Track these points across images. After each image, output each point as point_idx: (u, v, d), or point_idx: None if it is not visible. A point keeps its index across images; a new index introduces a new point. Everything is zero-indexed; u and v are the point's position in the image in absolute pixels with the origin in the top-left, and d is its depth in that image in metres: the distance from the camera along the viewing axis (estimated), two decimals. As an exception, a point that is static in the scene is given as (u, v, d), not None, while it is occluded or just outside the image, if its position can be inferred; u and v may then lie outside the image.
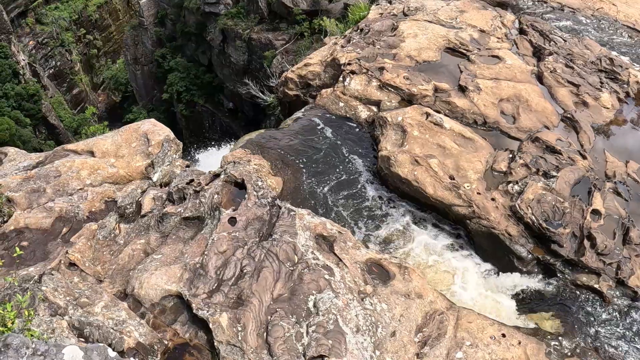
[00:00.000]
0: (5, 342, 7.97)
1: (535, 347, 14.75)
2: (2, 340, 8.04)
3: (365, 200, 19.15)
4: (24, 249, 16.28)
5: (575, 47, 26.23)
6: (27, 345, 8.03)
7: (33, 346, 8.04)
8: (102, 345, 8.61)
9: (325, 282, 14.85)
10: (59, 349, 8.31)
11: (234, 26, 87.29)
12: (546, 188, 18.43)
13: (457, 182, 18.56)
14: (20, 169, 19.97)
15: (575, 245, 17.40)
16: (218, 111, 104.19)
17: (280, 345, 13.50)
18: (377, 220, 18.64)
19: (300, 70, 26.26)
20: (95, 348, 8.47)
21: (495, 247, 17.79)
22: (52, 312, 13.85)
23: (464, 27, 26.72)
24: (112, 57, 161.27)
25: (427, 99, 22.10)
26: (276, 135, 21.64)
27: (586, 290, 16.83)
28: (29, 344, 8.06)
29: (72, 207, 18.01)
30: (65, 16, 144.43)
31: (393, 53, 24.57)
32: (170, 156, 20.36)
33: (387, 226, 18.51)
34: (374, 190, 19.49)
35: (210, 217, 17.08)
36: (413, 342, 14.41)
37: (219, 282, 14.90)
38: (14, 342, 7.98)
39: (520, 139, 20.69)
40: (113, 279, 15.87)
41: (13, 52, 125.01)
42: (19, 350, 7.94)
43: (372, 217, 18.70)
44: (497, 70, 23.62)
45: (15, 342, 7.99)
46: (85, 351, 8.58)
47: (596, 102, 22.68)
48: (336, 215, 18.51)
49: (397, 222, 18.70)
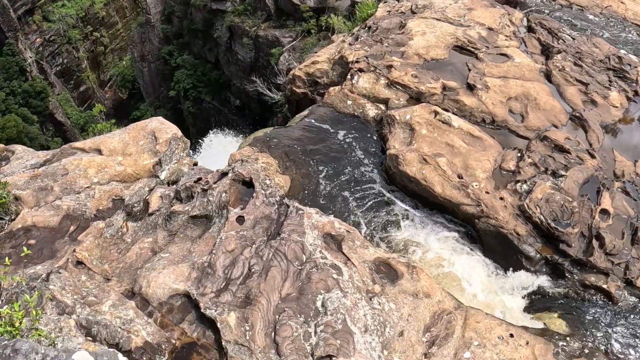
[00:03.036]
0: (15, 348, 7.92)
1: (543, 347, 14.67)
2: (11, 345, 7.99)
3: (373, 199, 19.10)
4: (31, 247, 16.27)
5: (583, 45, 26.13)
6: (37, 351, 7.97)
7: (42, 351, 7.99)
8: (112, 350, 8.56)
9: (333, 281, 14.81)
10: (68, 355, 8.25)
11: (240, 23, 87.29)
12: (555, 187, 18.36)
13: (466, 181, 18.50)
14: (27, 167, 19.97)
15: (584, 245, 17.34)
16: (225, 108, 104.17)
17: (288, 344, 13.47)
18: (385, 219, 18.59)
19: (308, 68, 26.23)
20: (106, 353, 8.42)
21: (504, 246, 17.73)
22: (60, 311, 13.84)
23: (472, 25, 26.63)
24: (119, 54, 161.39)
25: (436, 97, 22.03)
26: (284, 133, 21.59)
27: (594, 290, 16.78)
28: (38, 349, 8.01)
29: (79, 205, 18.01)
30: (72, 13, 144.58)
31: (401, 51, 24.50)
32: (177, 154, 20.33)
33: (395, 225, 18.47)
34: (382, 188, 19.44)
35: (218, 215, 17.05)
36: (421, 341, 14.36)
37: (227, 281, 14.86)
38: (23, 348, 7.93)
39: (528, 137, 20.60)
40: (120, 277, 15.84)
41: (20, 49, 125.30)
42: (27, 356, 7.88)
43: (380, 215, 18.65)
44: (505, 69, 23.54)
45: (24, 347, 7.94)
46: (95, 357, 8.52)
47: (605, 101, 22.58)
48: (344, 213, 18.46)
49: (405, 220, 18.65)
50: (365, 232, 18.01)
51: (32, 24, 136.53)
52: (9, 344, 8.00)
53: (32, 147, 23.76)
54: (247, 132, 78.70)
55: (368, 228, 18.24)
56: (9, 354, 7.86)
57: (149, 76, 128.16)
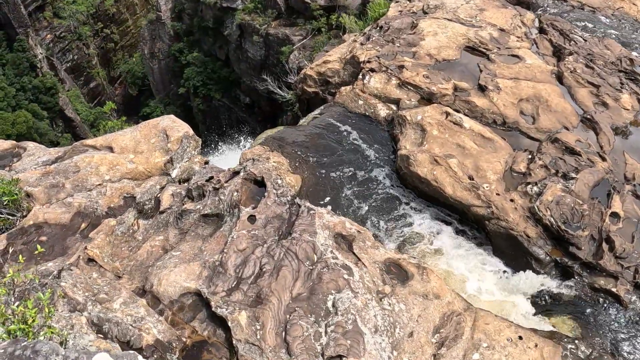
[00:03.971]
0: (35, 349, 7.94)
1: (551, 350, 14.68)
2: (31, 346, 8.01)
3: (384, 199, 19.13)
4: (42, 244, 16.35)
5: (595, 47, 26.08)
6: (57, 352, 7.98)
7: (63, 353, 8.00)
8: (132, 352, 8.57)
9: (344, 281, 14.84)
10: (89, 357, 8.26)
11: (251, 21, 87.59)
12: (565, 190, 18.33)
13: (476, 183, 18.51)
14: (39, 164, 20.07)
15: (594, 248, 17.29)
16: (235, 106, 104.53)
17: (298, 344, 13.51)
18: (395, 219, 18.62)
19: (319, 68, 26.27)
20: (126, 355, 8.45)
21: (513, 248, 17.72)
22: (71, 308, 13.91)
23: (483, 26, 26.61)
24: (129, 51, 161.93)
25: (447, 98, 22.04)
26: (295, 133, 21.64)
27: (603, 293, 16.74)
28: (58, 350, 8.03)
29: (90, 202, 18.08)
30: (82, 10, 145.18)
31: (413, 51, 24.51)
32: (189, 152, 20.40)
33: (406, 226, 18.49)
34: (393, 189, 19.46)
35: (230, 214, 17.09)
36: (430, 342, 14.38)
37: (238, 280, 14.91)
38: (44, 349, 7.94)
39: (539, 139, 20.57)
40: (131, 275, 15.91)
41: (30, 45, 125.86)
42: (48, 357, 7.88)
43: (391, 216, 18.67)
44: (516, 70, 23.52)
45: (44, 348, 7.95)
46: (115, 358, 8.55)
47: (616, 103, 22.53)
48: (354, 213, 18.50)
49: (415, 221, 18.67)
50: (376, 232, 18.05)
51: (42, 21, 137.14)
52: (29, 345, 8.02)
53: (42, 143, 23.86)
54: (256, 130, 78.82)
55: (378, 228, 18.27)
56: (29, 355, 7.88)
57: (158, 73, 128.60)
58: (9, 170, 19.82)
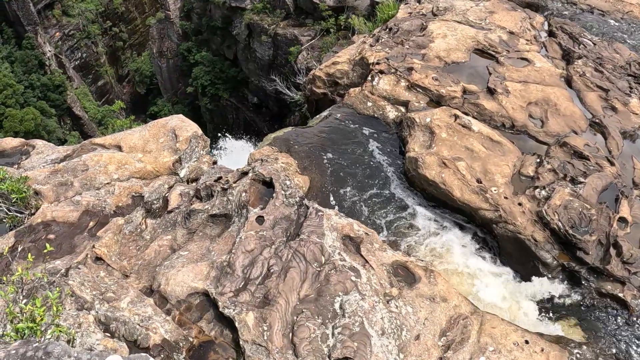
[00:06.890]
0: (47, 350, 7.93)
1: (558, 354, 14.65)
2: (42, 347, 8.00)
3: (392, 201, 19.13)
4: (50, 242, 16.39)
5: (604, 50, 26.02)
6: (69, 354, 7.97)
7: (75, 355, 7.98)
8: (144, 355, 8.57)
9: (351, 283, 14.84)
10: (101, 358, 8.28)
11: (259, 21, 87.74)
12: (573, 194, 18.29)
13: (485, 186, 18.48)
14: (48, 162, 20.10)
15: (601, 252, 17.23)
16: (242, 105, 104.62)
17: (305, 346, 13.51)
18: (403, 221, 18.61)
19: (329, 69, 26.26)
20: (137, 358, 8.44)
21: (521, 252, 17.68)
22: (79, 307, 13.95)
23: (493, 29, 26.58)
24: (137, 49, 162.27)
25: (456, 100, 22.02)
26: (303, 133, 21.63)
27: (610, 298, 16.70)
28: (70, 352, 8.02)
29: (99, 201, 18.11)
30: (91, 8, 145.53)
31: (422, 53, 24.49)
32: (197, 152, 20.43)
33: (413, 228, 18.48)
34: (401, 191, 19.46)
35: (238, 215, 17.10)
36: (437, 345, 14.37)
37: (245, 280, 14.92)
38: (56, 350, 7.93)
39: (548, 143, 20.52)
40: (139, 274, 15.93)
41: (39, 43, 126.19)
42: (60, 359, 7.91)
43: (399, 218, 18.67)
44: (526, 73, 23.47)
45: (56, 350, 7.94)
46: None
47: (625, 108, 22.47)
48: (362, 215, 18.50)
49: (423, 223, 18.66)
50: (384, 234, 18.04)
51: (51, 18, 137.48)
52: (41, 347, 8.01)
53: (50, 140, 23.98)
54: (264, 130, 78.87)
55: (386, 230, 18.27)
56: (40, 356, 7.87)
57: (167, 72, 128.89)
58: (18, 168, 19.86)
